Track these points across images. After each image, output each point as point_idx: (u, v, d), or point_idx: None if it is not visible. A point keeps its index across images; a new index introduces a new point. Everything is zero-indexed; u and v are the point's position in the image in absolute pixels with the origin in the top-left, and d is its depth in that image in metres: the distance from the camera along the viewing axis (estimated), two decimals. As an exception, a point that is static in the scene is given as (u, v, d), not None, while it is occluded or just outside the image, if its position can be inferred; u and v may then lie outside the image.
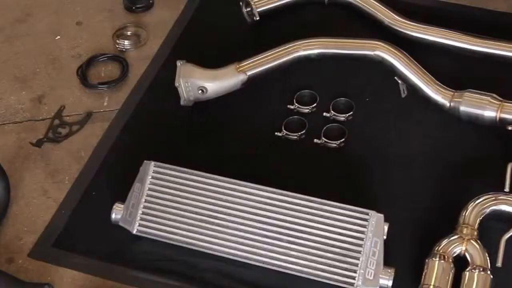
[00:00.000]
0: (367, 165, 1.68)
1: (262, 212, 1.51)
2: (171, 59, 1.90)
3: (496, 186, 1.54)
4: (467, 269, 1.43)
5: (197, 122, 1.81)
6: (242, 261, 1.50)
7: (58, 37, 2.07)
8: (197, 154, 1.72)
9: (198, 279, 1.51)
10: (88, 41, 2.04)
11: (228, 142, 1.76)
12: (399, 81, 1.76)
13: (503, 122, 1.66)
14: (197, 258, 1.53)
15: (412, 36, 1.89)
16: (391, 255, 1.47)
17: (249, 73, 1.79)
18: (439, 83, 1.73)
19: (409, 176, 1.66)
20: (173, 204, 1.54)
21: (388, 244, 1.46)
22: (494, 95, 1.68)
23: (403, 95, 1.78)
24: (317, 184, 1.63)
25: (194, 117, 1.80)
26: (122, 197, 1.56)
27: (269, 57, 1.81)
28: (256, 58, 1.81)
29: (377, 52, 1.78)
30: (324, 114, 1.79)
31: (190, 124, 1.80)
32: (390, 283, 1.43)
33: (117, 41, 2.02)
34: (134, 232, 1.53)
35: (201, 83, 1.76)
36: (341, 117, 1.78)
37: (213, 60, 1.83)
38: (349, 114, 1.78)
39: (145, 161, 1.57)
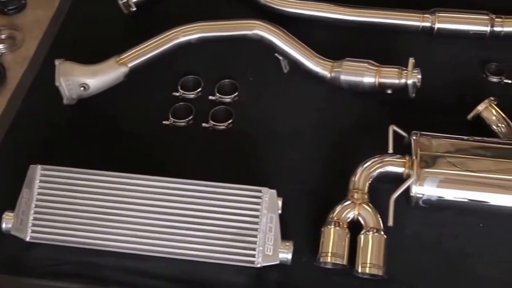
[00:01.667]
0: (257, 143, 1.69)
1: (157, 203, 1.50)
2: (49, 58, 1.84)
3: (383, 149, 1.57)
4: (362, 232, 1.47)
5: (83, 120, 1.77)
6: (143, 254, 1.48)
7: None
8: (87, 152, 1.69)
9: (100, 278, 1.49)
10: (-41, 48, 1.97)
11: (117, 137, 1.73)
12: (280, 58, 1.78)
13: (382, 86, 1.71)
14: (98, 257, 1.50)
15: (289, 12, 1.91)
16: (289, 228, 1.50)
17: (130, 64, 1.76)
18: (319, 56, 1.76)
19: (300, 149, 1.68)
20: (66, 206, 1.51)
21: (284, 218, 1.48)
22: (371, 62, 1.72)
23: (285, 71, 1.80)
24: (209, 167, 1.63)
25: (80, 115, 1.77)
26: (12, 205, 1.51)
27: (149, 47, 1.79)
28: (136, 49, 1.79)
29: (256, 31, 1.79)
30: (210, 97, 1.79)
31: (77, 123, 1.77)
32: (289, 256, 1.45)
33: (-9, 45, 1.96)
34: (28, 239, 1.49)
35: (82, 80, 1.73)
36: (227, 99, 1.78)
37: (94, 55, 1.79)
38: (235, 95, 1.79)
39: (31, 165, 1.53)
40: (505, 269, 1.49)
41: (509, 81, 1.80)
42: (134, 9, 1.95)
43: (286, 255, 1.45)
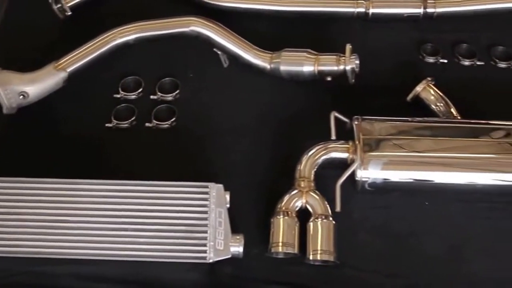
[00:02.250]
0: (202, 139, 1.69)
1: (105, 206, 1.49)
2: (-14, 68, 1.82)
3: (327, 136, 1.59)
4: (311, 219, 1.49)
5: (25, 129, 1.74)
6: (94, 258, 1.47)
7: None
8: (31, 161, 1.67)
9: (53, 286, 1.48)
10: None
11: (60, 143, 1.71)
12: (219, 52, 1.79)
13: (322, 74, 1.72)
14: (49, 266, 1.49)
15: (225, 6, 1.91)
16: (238, 221, 1.51)
17: (69, 69, 1.75)
18: (257, 48, 1.77)
19: (244, 142, 1.69)
20: (13, 216, 1.49)
21: (233, 212, 1.49)
22: (309, 50, 1.74)
23: (225, 65, 1.81)
24: (155, 167, 1.63)
25: (21, 123, 1.74)
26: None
27: (87, 50, 1.78)
28: (74, 53, 1.77)
29: (192, 28, 1.79)
30: (151, 97, 1.78)
31: (18, 132, 1.74)
32: (240, 249, 1.46)
33: None
34: (-24, 253, 1.48)
35: (21, 88, 1.70)
36: (169, 97, 1.78)
37: (31, 62, 1.77)
38: (176, 92, 1.79)
39: (-24, 178, 1.52)
40: (452, 245, 1.53)
41: (445, 61, 1.84)
42: (69, 13, 1.93)
43: (237, 249, 1.46)
